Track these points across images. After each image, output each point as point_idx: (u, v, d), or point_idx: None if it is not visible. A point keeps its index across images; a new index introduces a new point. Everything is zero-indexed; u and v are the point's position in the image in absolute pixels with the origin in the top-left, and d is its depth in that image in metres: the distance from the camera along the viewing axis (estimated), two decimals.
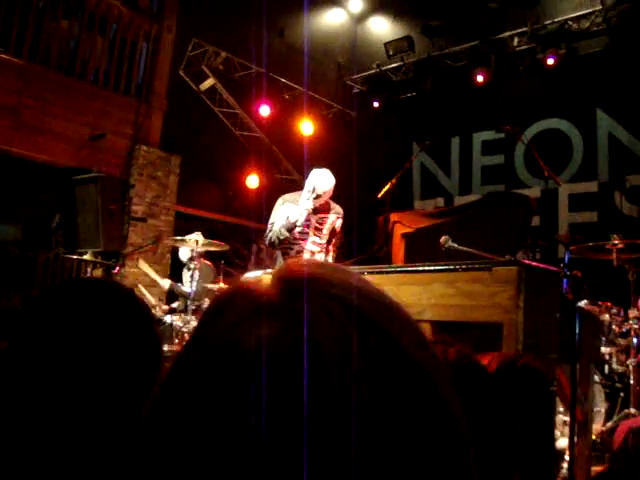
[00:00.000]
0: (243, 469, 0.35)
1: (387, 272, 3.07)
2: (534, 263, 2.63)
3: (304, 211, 4.45)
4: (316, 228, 4.58)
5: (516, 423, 1.17)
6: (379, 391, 0.37)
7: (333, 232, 4.73)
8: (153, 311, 5.30)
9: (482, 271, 2.61)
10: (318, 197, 4.45)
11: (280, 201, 4.71)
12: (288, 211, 4.53)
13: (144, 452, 0.40)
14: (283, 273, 0.45)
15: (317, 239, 4.61)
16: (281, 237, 4.46)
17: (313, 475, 0.35)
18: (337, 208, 4.75)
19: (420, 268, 2.85)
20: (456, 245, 3.32)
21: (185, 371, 0.41)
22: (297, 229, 4.50)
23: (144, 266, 6.40)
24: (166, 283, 6.44)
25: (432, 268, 2.81)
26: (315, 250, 4.60)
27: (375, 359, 0.39)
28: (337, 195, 5.29)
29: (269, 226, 4.59)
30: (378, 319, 0.42)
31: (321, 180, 4.50)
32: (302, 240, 4.56)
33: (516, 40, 8.23)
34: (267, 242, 4.61)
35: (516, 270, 2.49)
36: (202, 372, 0.39)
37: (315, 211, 4.54)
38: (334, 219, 4.69)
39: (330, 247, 4.74)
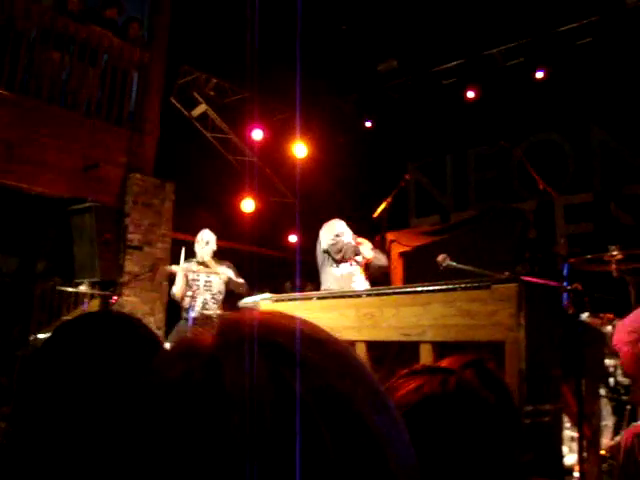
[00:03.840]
0: None
1: (386, 294, 3.04)
2: (533, 279, 2.61)
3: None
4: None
5: (521, 452, 1.13)
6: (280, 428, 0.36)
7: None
8: None
9: (481, 289, 2.58)
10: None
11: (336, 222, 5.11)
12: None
13: None
14: (226, 328, 0.45)
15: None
16: (348, 255, 4.87)
17: None
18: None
19: (419, 288, 2.83)
20: (454, 263, 3.31)
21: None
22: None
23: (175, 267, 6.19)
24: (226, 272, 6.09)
25: (431, 288, 2.79)
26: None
27: (286, 397, 0.38)
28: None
29: (334, 237, 4.90)
30: (303, 358, 0.41)
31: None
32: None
33: (505, 55, 8.28)
34: (335, 249, 4.87)
35: (515, 287, 2.46)
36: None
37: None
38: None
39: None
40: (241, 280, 6.09)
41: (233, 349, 0.41)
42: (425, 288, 2.82)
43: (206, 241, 6.10)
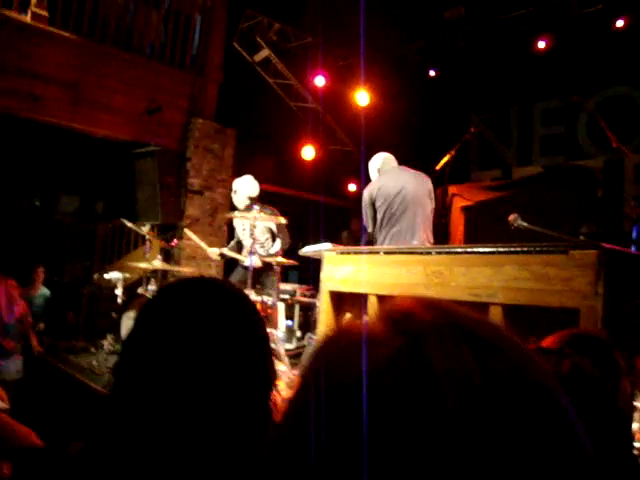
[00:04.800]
0: None
1: (456, 252, 3.00)
2: (614, 246, 2.52)
3: None
4: None
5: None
6: (501, 411, 0.37)
7: None
8: None
9: (558, 254, 2.52)
10: None
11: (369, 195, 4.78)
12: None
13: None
14: (397, 316, 0.45)
15: None
16: None
17: None
18: None
19: (491, 250, 2.78)
20: (526, 224, 3.23)
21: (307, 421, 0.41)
22: None
23: (191, 234, 6.29)
24: (214, 252, 6.15)
25: (504, 250, 2.73)
26: None
27: (494, 380, 0.38)
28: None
29: (371, 222, 4.70)
30: (492, 341, 0.42)
31: None
32: None
33: (581, 2, 7.86)
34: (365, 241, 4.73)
35: (595, 254, 2.39)
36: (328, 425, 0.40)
37: None
38: None
39: None
40: (278, 242, 6.05)
41: (431, 335, 0.40)
42: (498, 249, 2.77)
43: (234, 190, 6.05)
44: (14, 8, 6.33)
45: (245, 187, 6.00)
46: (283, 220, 5.43)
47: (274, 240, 6.07)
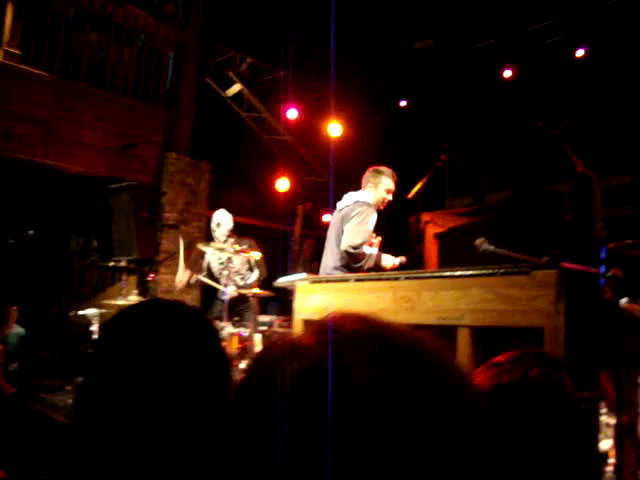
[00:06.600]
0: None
1: (424, 277, 3.05)
2: (573, 265, 2.59)
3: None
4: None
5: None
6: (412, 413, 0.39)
7: None
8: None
9: (521, 275, 2.58)
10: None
11: (371, 211, 4.43)
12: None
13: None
14: (324, 328, 0.47)
15: None
16: (367, 267, 4.29)
17: None
18: None
19: (458, 273, 2.83)
20: (492, 247, 3.29)
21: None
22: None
23: (181, 244, 6.21)
24: (185, 275, 5.98)
25: (470, 273, 2.79)
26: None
27: (408, 384, 0.40)
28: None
29: (359, 240, 4.20)
30: (410, 349, 0.44)
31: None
32: None
33: (543, 33, 8.09)
34: (354, 262, 4.27)
35: (555, 273, 2.45)
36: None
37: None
38: None
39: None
40: (256, 272, 6.07)
41: (350, 345, 0.43)
42: (464, 272, 2.82)
43: (217, 223, 6.06)
44: None
45: (227, 220, 6.06)
46: (257, 256, 5.53)
47: (252, 271, 6.10)
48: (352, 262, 4.22)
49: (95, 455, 0.91)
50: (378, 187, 4.55)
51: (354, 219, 4.29)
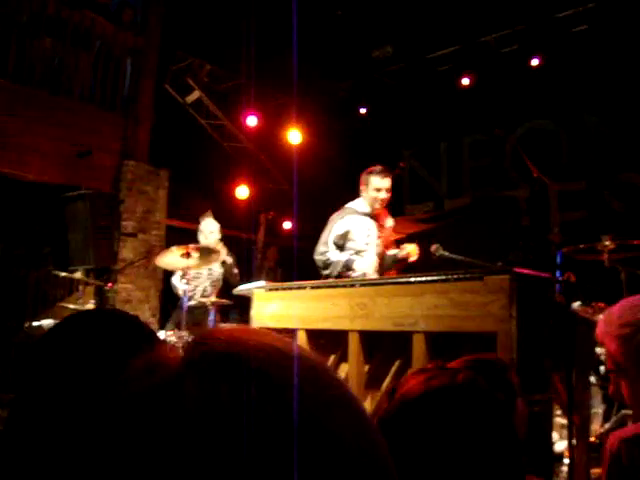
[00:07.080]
0: None
1: (379, 284, 3.06)
2: (525, 270, 2.62)
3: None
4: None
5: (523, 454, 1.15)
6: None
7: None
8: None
9: (474, 281, 2.60)
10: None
11: (339, 217, 4.46)
12: (350, 228, 4.35)
13: None
14: (190, 345, 0.46)
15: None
16: (336, 273, 4.19)
17: None
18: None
19: (412, 279, 2.84)
20: (447, 253, 3.32)
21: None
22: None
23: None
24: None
25: (424, 279, 2.80)
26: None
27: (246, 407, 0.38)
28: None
29: (322, 248, 4.23)
30: (262, 368, 0.41)
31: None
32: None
33: (500, 42, 8.24)
34: (322, 270, 4.23)
35: (507, 278, 2.48)
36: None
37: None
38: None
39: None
40: (236, 271, 6.13)
41: (196, 366, 0.41)
42: (418, 279, 2.83)
43: (210, 230, 6.11)
44: None
45: (217, 228, 6.19)
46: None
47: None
48: (320, 270, 4.23)
49: (24, 470, 0.88)
50: (367, 189, 4.55)
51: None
